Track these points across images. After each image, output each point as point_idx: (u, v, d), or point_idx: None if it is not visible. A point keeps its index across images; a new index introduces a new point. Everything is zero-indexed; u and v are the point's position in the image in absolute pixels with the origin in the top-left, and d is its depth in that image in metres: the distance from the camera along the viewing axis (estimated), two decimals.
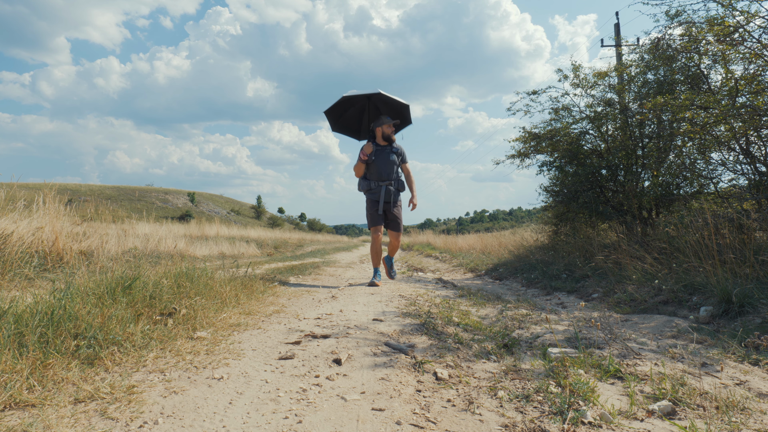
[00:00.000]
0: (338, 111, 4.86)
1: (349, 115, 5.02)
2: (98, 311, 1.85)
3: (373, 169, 4.40)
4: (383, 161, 4.39)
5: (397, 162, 4.50)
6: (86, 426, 1.15)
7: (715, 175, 4.56)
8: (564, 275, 4.85)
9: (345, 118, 5.00)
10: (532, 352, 1.99)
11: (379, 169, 4.38)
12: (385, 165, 4.39)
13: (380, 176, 4.40)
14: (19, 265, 3.47)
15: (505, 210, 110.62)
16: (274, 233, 20.25)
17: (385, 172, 4.39)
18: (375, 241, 4.51)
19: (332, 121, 4.91)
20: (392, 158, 4.43)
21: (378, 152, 4.39)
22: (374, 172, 4.40)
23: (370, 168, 4.43)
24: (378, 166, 4.38)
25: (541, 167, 6.23)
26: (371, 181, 4.43)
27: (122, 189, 39.02)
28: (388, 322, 2.52)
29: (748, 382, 1.61)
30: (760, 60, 3.51)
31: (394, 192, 4.48)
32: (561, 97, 5.90)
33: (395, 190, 4.48)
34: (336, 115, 4.90)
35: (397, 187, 4.49)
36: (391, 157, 4.43)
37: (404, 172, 4.60)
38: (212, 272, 3.29)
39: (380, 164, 4.38)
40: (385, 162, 4.40)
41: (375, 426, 1.22)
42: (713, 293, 2.76)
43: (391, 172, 4.43)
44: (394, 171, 4.46)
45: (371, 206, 4.47)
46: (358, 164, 4.39)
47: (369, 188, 4.45)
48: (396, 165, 4.47)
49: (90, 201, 7.82)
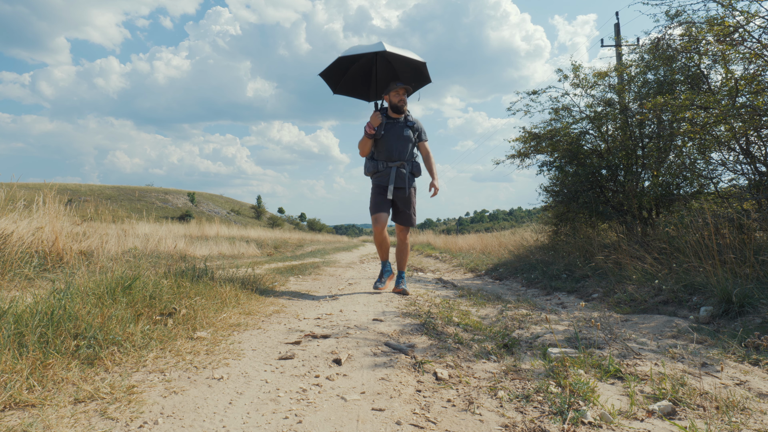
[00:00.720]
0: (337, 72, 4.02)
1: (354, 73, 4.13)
2: (98, 311, 1.85)
3: (382, 146, 3.65)
4: (394, 137, 3.63)
5: (413, 139, 3.71)
6: (86, 426, 1.15)
7: (715, 175, 4.56)
8: (564, 275, 4.85)
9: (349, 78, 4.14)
10: (532, 352, 1.99)
11: (389, 146, 3.62)
12: (396, 142, 3.63)
13: (390, 155, 3.64)
14: (19, 265, 3.47)
15: (505, 210, 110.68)
16: (274, 233, 20.25)
17: (396, 150, 3.63)
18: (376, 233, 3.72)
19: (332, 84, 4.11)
20: (406, 134, 3.65)
21: (388, 126, 3.64)
22: (383, 150, 3.65)
23: (379, 145, 3.67)
24: (387, 142, 3.62)
25: (541, 167, 6.23)
26: (379, 162, 3.67)
27: (122, 189, 39.02)
28: (388, 322, 2.52)
29: (748, 382, 1.61)
30: (760, 60, 3.51)
31: (407, 175, 3.69)
32: (561, 97, 5.90)
33: (408, 173, 3.70)
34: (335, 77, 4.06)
35: (411, 170, 3.72)
36: (404, 133, 3.65)
37: (422, 152, 3.78)
38: (212, 272, 3.29)
39: (390, 140, 3.62)
40: (396, 138, 3.63)
41: (375, 426, 1.22)
42: (713, 293, 2.76)
43: (403, 150, 3.65)
44: (408, 150, 3.68)
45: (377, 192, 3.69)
46: (364, 140, 3.63)
47: (376, 170, 3.69)
48: (411, 143, 3.69)
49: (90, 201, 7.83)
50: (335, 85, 4.10)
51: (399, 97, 3.65)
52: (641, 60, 5.41)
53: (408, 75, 4.08)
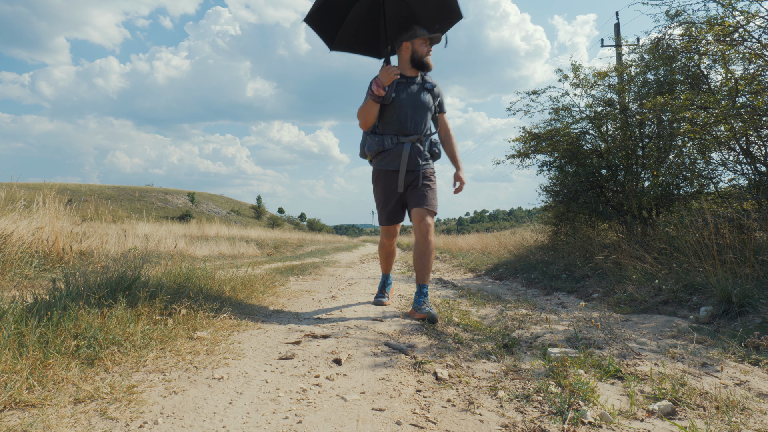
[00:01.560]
0: (329, 17, 2.86)
1: (354, 20, 2.90)
2: (98, 311, 1.85)
3: (392, 114, 2.67)
4: (409, 102, 2.66)
5: (432, 107, 2.75)
6: (86, 426, 1.15)
7: (715, 175, 4.57)
8: (564, 275, 4.85)
9: (349, 27, 2.92)
10: (532, 352, 1.99)
11: (401, 114, 2.66)
12: (411, 109, 2.66)
13: (403, 127, 2.67)
14: (19, 265, 3.47)
15: (505, 210, 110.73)
16: (274, 233, 20.25)
17: (411, 120, 2.67)
18: (386, 245, 3.02)
19: (327, 38, 2.93)
20: (424, 99, 2.69)
21: (401, 87, 2.68)
22: (393, 119, 2.68)
23: (387, 113, 2.68)
24: (400, 109, 2.65)
25: (541, 167, 6.23)
26: (386, 137, 2.69)
27: (122, 189, 39.03)
28: (388, 322, 2.52)
29: (748, 382, 1.61)
30: (760, 60, 3.51)
31: (424, 155, 2.74)
32: (561, 97, 5.90)
33: (426, 151, 2.76)
34: (328, 23, 2.88)
35: (429, 149, 2.80)
36: (423, 97, 2.69)
37: (440, 129, 2.85)
38: (212, 272, 3.28)
39: (404, 107, 2.65)
40: (412, 103, 2.67)
41: (375, 426, 1.22)
42: (713, 293, 2.76)
43: (421, 121, 2.70)
44: (426, 121, 2.74)
45: (384, 186, 2.76)
46: (368, 104, 2.62)
47: (382, 148, 2.70)
48: (430, 111, 2.74)
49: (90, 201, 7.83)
50: (331, 39, 2.94)
51: (427, 47, 2.71)
52: (641, 60, 5.41)
53: (430, 14, 2.85)
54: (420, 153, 2.71)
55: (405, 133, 2.69)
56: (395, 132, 2.70)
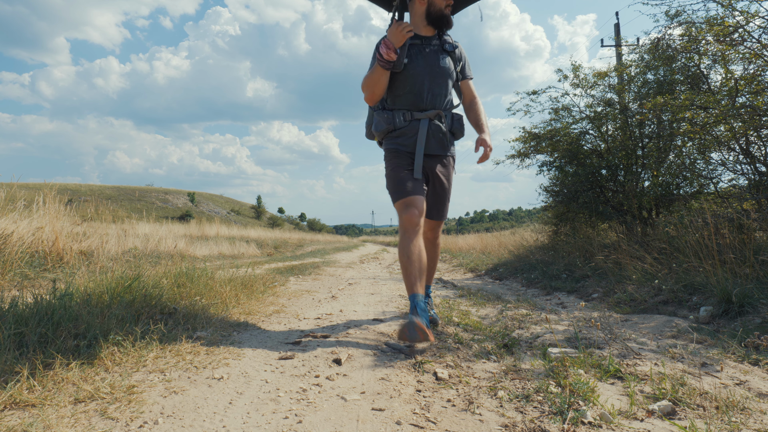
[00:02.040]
0: None
1: None
2: (98, 311, 1.85)
3: (405, 84, 2.16)
4: (425, 68, 2.16)
5: (453, 73, 2.25)
6: (86, 426, 1.15)
7: (715, 175, 4.57)
8: (564, 275, 4.85)
9: None
10: (532, 352, 1.99)
11: (416, 83, 2.15)
12: (429, 76, 2.16)
13: (418, 100, 2.17)
14: (19, 265, 3.47)
15: (505, 210, 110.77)
16: (274, 233, 20.25)
17: (428, 90, 2.17)
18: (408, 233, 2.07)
19: None
20: (444, 63, 2.19)
21: (415, 50, 2.19)
22: (406, 90, 2.17)
23: (398, 83, 2.18)
24: (415, 77, 2.15)
25: (541, 167, 6.24)
26: (397, 113, 2.19)
27: (122, 189, 39.04)
28: (388, 322, 2.52)
29: (748, 382, 1.61)
30: (760, 60, 3.51)
31: (447, 135, 2.25)
32: (561, 97, 5.91)
33: (448, 130, 2.26)
34: None
35: (451, 127, 2.28)
36: (442, 61, 2.19)
37: (465, 97, 2.34)
38: (212, 272, 3.29)
39: (420, 74, 2.15)
40: (429, 70, 2.16)
41: (375, 426, 1.22)
42: (713, 293, 2.76)
43: (440, 92, 2.19)
44: (447, 90, 2.22)
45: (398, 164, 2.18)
46: (376, 72, 2.09)
47: (392, 127, 2.20)
48: (451, 79, 2.23)
49: (90, 201, 7.83)
50: None
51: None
52: (641, 60, 5.41)
53: None
54: (440, 133, 2.22)
55: (421, 107, 2.19)
56: (408, 106, 2.20)
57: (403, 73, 2.16)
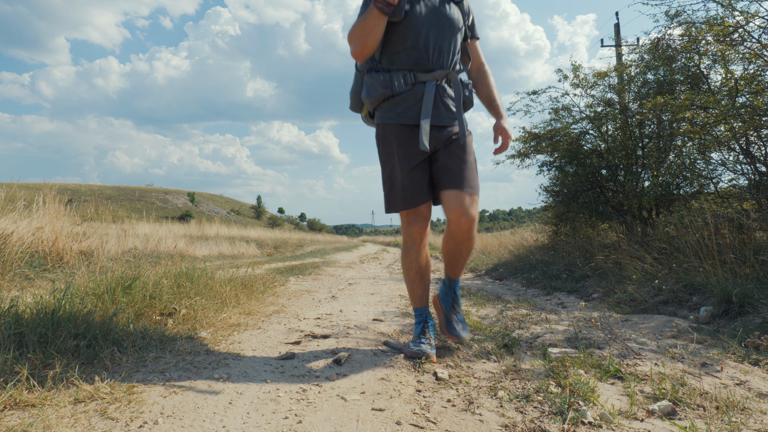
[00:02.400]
0: None
1: None
2: (98, 311, 1.85)
3: (405, 37, 1.75)
4: (432, 18, 1.77)
5: (462, 27, 1.85)
6: (86, 426, 1.15)
7: (715, 175, 4.57)
8: (564, 275, 4.85)
9: None
10: (532, 352, 1.99)
11: (420, 36, 1.74)
12: (436, 27, 1.77)
13: (422, 58, 1.76)
14: (19, 265, 3.47)
15: (505, 210, 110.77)
16: (274, 233, 20.25)
17: (434, 45, 1.76)
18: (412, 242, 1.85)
19: None
20: (451, 13, 1.80)
21: None
22: (407, 45, 1.76)
23: (396, 37, 1.77)
24: (418, 29, 1.74)
25: (541, 167, 6.24)
26: (395, 74, 1.77)
27: (122, 189, 39.05)
28: (388, 322, 2.52)
29: (748, 382, 1.61)
30: (760, 60, 3.51)
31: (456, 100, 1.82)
32: (561, 97, 5.91)
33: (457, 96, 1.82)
34: None
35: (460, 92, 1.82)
36: (448, 11, 1.80)
37: (473, 61, 1.96)
38: (212, 272, 3.28)
39: (424, 25, 1.75)
40: (436, 20, 1.77)
41: (375, 426, 1.22)
42: (713, 293, 2.76)
43: (448, 48, 1.80)
44: (455, 47, 1.83)
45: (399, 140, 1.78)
46: (371, 18, 1.67)
47: (390, 92, 1.77)
48: (459, 33, 1.84)
49: (90, 201, 7.82)
50: None
51: None
52: (641, 60, 5.41)
53: None
54: (449, 98, 1.80)
55: (425, 67, 1.76)
56: (410, 66, 1.76)
57: (403, 22, 1.73)
